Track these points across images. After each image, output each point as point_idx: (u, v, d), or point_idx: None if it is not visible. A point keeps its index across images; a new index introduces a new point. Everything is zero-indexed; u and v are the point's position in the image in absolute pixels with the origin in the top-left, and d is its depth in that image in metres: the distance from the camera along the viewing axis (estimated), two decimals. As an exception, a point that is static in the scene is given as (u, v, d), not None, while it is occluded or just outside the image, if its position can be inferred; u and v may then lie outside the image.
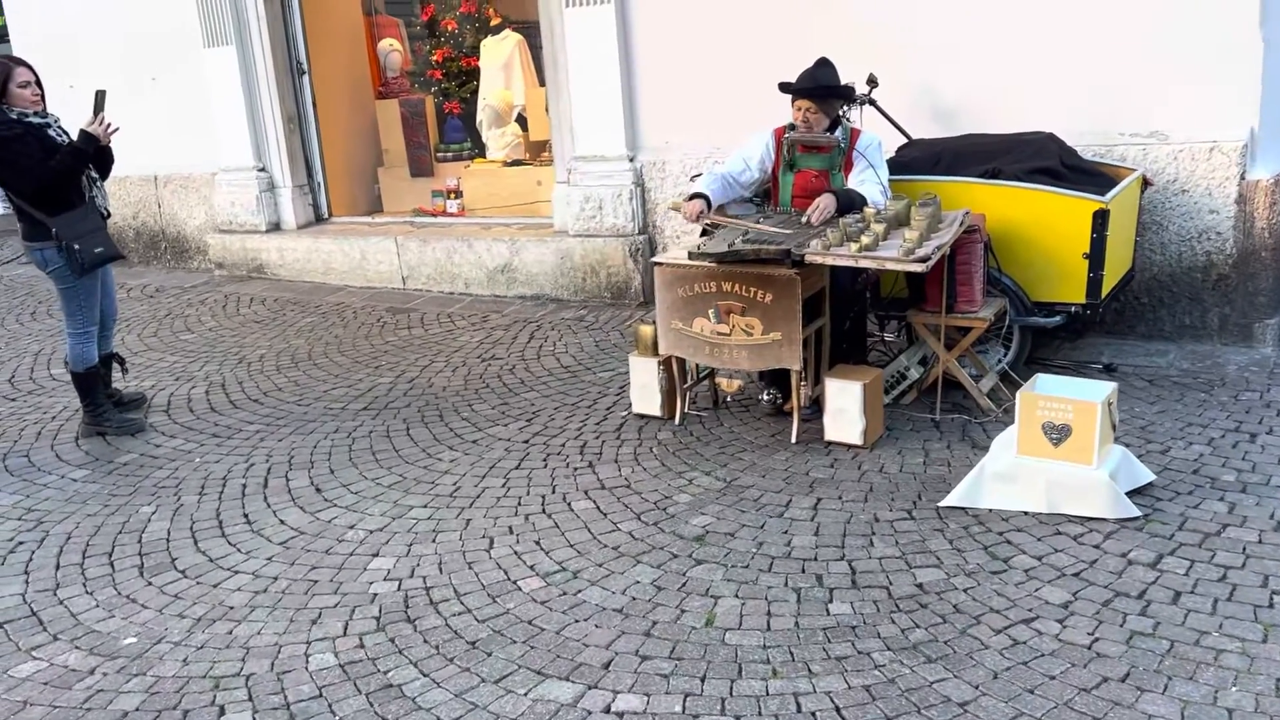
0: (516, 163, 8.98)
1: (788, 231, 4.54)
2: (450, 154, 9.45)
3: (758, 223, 4.72)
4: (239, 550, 4.07)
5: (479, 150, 9.49)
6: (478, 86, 9.48)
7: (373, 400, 5.64)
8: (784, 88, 4.93)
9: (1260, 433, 4.42)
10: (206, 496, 4.56)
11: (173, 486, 4.69)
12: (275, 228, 8.73)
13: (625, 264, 7.01)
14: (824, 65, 4.90)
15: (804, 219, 4.66)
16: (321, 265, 8.34)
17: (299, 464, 4.84)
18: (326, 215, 8.90)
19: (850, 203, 4.72)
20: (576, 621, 3.38)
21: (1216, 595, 3.27)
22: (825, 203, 4.68)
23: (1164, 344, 5.55)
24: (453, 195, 8.83)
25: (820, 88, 4.81)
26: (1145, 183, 5.30)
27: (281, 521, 4.27)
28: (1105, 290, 4.90)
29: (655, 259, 4.78)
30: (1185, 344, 5.51)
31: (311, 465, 4.81)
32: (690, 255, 4.49)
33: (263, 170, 8.68)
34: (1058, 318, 4.93)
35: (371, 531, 4.12)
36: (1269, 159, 5.34)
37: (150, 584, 3.85)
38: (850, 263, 4.26)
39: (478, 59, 9.51)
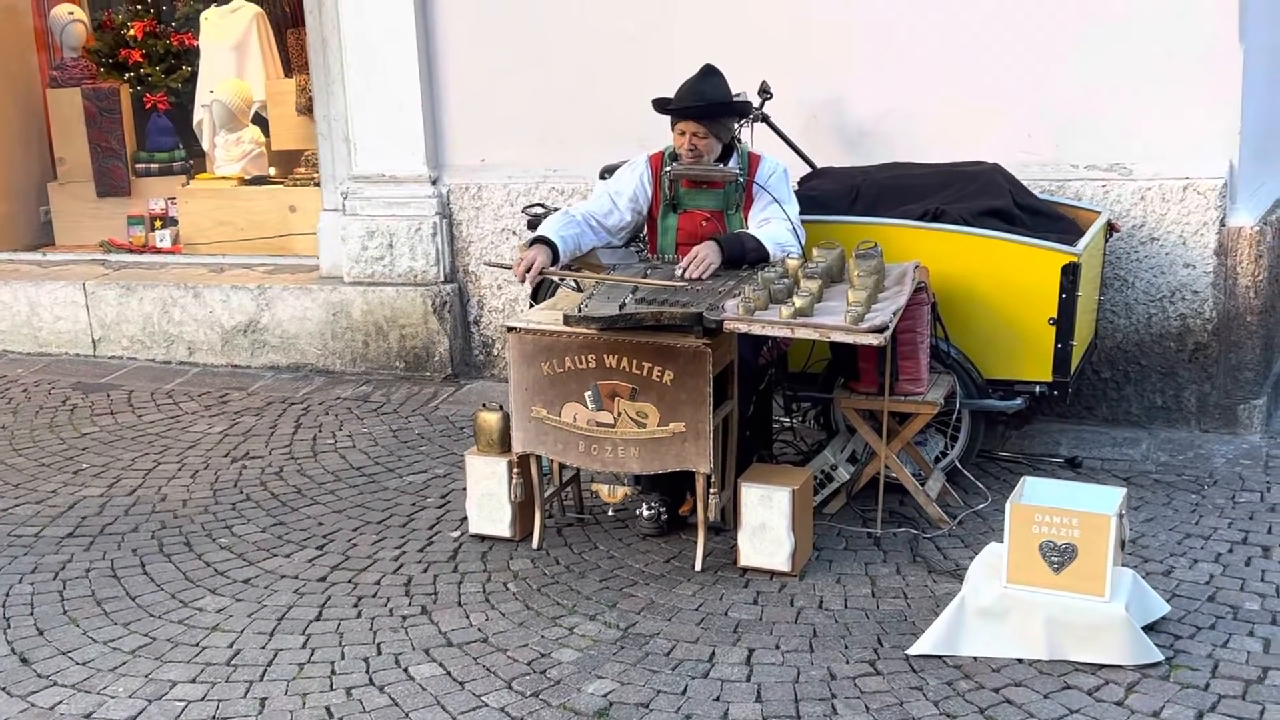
0: (258, 180, 8.72)
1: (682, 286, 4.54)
2: (156, 166, 9.09)
3: (645, 276, 4.68)
4: (-83, 762, 3.64)
5: (198, 162, 9.15)
6: (195, 74, 9.18)
7: (81, 522, 5.26)
8: (660, 106, 4.92)
9: (1273, 545, 4.69)
10: None
11: None
12: (-109, 268, 8.19)
13: (426, 322, 6.86)
14: (710, 75, 4.93)
15: (679, 274, 4.65)
16: (-35, 322, 7.84)
17: (-14, 622, 4.43)
18: (-31, 251, 8.45)
19: (741, 252, 4.75)
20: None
21: (1283, 766, 3.41)
22: (705, 253, 4.67)
23: (1132, 430, 5.85)
24: (161, 223, 8.50)
25: (710, 105, 4.84)
26: (1110, 228, 5.60)
27: (-21, 713, 3.86)
28: (1074, 364, 5.12)
29: (511, 323, 4.65)
30: (1157, 430, 5.83)
31: (7, 624, 4.41)
32: (566, 319, 4.40)
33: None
34: (1019, 400, 5.12)
35: (120, 723, 3.77)
36: (1251, 201, 5.76)
37: None
38: (785, 332, 4.27)
39: (195, 36, 9.22)
